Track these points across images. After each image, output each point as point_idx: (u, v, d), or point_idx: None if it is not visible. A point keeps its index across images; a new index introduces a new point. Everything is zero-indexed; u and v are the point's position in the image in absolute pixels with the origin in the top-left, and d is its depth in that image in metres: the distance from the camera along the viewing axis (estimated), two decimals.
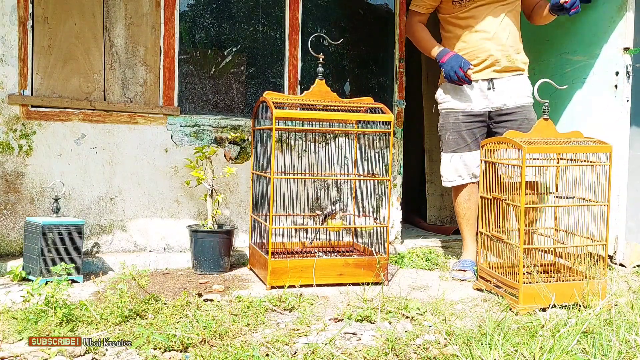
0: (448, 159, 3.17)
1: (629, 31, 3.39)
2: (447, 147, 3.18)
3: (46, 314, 2.02)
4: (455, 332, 2.01)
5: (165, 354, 1.81)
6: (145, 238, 3.29)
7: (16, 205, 3.04)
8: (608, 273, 3.11)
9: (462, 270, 3.05)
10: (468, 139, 3.12)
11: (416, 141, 4.95)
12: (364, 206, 3.26)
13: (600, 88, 3.50)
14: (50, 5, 3.08)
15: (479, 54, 3.07)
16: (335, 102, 2.99)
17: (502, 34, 3.05)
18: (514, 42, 3.09)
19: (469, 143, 3.12)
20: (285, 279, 2.72)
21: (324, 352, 1.78)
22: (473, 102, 3.11)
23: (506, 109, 3.07)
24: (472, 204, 3.14)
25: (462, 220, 3.18)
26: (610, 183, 2.56)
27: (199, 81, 3.44)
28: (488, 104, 3.09)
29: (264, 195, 2.98)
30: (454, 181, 3.16)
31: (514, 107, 3.07)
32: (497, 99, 3.08)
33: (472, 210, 3.14)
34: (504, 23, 3.06)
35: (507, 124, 3.05)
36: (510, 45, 3.07)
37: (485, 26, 3.06)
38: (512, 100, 3.07)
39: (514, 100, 3.07)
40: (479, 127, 3.13)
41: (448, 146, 3.17)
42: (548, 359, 1.63)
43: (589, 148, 2.56)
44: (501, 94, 3.08)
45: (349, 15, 3.83)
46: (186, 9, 3.40)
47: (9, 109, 3.02)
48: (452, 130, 3.15)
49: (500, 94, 3.08)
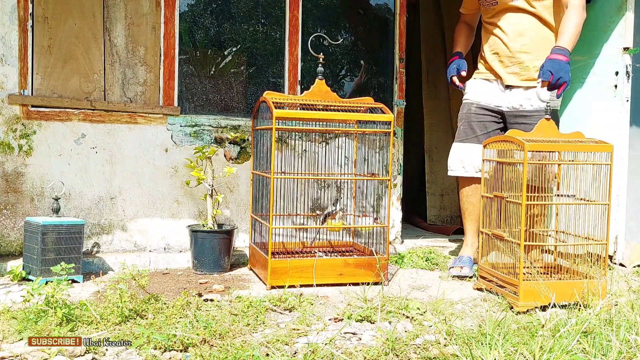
0: (455, 148, 3.19)
1: (629, 31, 3.39)
2: (457, 136, 3.20)
3: (46, 313, 2.02)
4: (455, 332, 2.01)
5: (165, 353, 1.81)
6: (145, 238, 3.29)
7: (16, 205, 3.04)
8: (608, 273, 3.12)
9: (459, 267, 3.06)
10: (478, 131, 3.09)
11: (416, 141, 4.95)
12: (364, 206, 3.26)
13: (600, 88, 3.50)
14: (50, 5, 3.08)
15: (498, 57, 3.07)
16: (335, 102, 2.99)
17: (519, 40, 2.97)
18: (534, 49, 2.97)
19: (478, 135, 3.09)
20: (285, 278, 2.72)
21: (324, 352, 1.78)
22: (488, 97, 3.09)
23: (523, 111, 2.99)
24: (475, 199, 3.13)
25: (464, 214, 3.20)
26: (611, 183, 2.56)
27: (199, 81, 3.44)
28: (504, 102, 3.05)
29: (264, 195, 2.98)
30: (457, 171, 3.16)
31: (530, 109, 2.97)
32: (513, 99, 3.02)
33: (474, 206, 3.13)
34: (524, 29, 2.97)
35: (521, 126, 2.97)
36: (526, 52, 2.97)
37: (502, 31, 3.03)
38: (528, 102, 2.98)
39: (531, 103, 2.97)
40: (490, 122, 3.09)
41: (458, 136, 3.20)
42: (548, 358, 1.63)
43: (590, 147, 2.56)
44: (517, 95, 3.02)
45: (349, 15, 3.83)
46: (186, 9, 3.40)
47: (9, 109, 3.02)
48: (464, 120, 3.16)
49: (517, 95, 3.02)
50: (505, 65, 3.04)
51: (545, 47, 2.94)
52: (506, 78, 3.03)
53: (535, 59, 2.96)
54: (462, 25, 3.38)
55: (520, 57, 2.98)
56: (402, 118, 3.85)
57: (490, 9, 3.09)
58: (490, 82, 3.11)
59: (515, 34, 2.99)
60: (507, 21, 3.01)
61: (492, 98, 3.09)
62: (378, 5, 3.90)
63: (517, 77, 3.01)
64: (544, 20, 2.96)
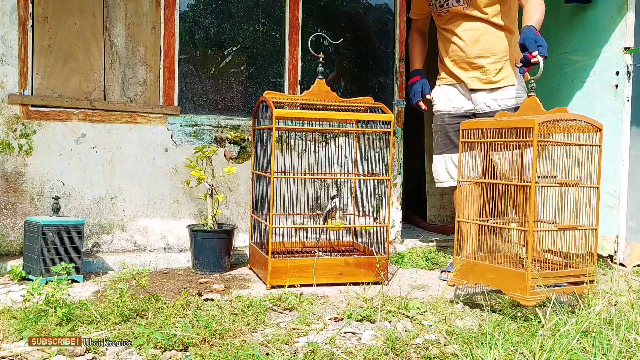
0: (438, 160, 3.17)
1: (630, 31, 3.39)
2: (437, 148, 3.19)
3: (46, 313, 2.02)
4: (455, 331, 2.01)
5: (165, 353, 1.81)
6: (145, 238, 3.29)
7: (16, 204, 3.04)
8: (608, 272, 3.11)
9: (448, 272, 3.05)
10: (456, 140, 3.05)
11: (416, 141, 4.94)
12: (364, 206, 3.26)
13: (600, 88, 3.50)
14: (50, 4, 3.08)
15: (457, 63, 3.06)
16: (335, 101, 2.99)
17: (476, 46, 2.98)
18: (492, 53, 2.97)
19: (457, 144, 3.09)
20: (285, 278, 2.72)
21: (324, 352, 1.78)
22: (457, 103, 3.10)
23: (491, 112, 2.99)
24: None
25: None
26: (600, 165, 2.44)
27: (199, 81, 3.44)
28: (471, 105, 3.06)
29: (264, 195, 2.98)
30: (447, 182, 3.15)
31: (498, 109, 2.96)
32: (479, 101, 3.03)
33: None
34: (480, 35, 2.98)
35: None
36: (484, 56, 2.98)
37: (459, 38, 3.03)
38: (495, 103, 3.00)
39: (498, 103, 2.99)
40: None
41: (438, 148, 3.18)
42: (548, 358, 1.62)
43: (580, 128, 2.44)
44: (483, 97, 3.02)
45: (349, 15, 3.83)
46: (186, 9, 3.40)
47: (9, 109, 3.02)
48: (441, 132, 3.16)
49: (482, 97, 3.02)
50: (466, 69, 3.04)
51: (502, 48, 2.97)
52: (469, 83, 3.04)
53: (494, 62, 2.98)
54: (415, 35, 3.34)
55: (479, 62, 3.00)
56: (402, 118, 3.85)
57: (443, 16, 3.08)
58: (455, 86, 3.11)
59: (472, 40, 3.00)
60: (462, 28, 3.02)
61: (460, 103, 3.09)
62: (378, 5, 3.90)
63: (480, 81, 3.02)
64: (497, 24, 2.98)
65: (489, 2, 2.94)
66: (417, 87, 3.19)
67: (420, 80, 3.20)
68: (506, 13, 2.98)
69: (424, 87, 3.19)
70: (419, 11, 3.28)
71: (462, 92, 3.09)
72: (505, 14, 2.97)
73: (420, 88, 3.19)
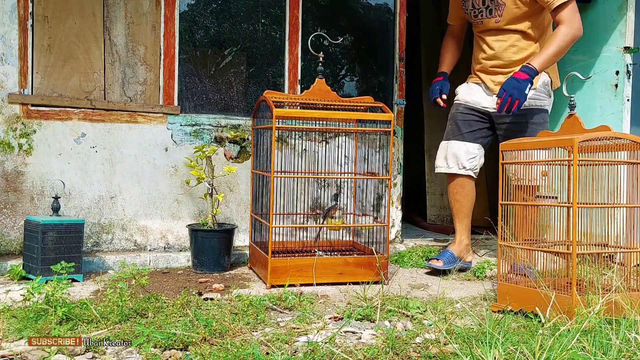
0: (441, 146, 3.26)
1: (630, 30, 3.40)
2: (445, 135, 3.27)
3: (46, 312, 2.02)
4: (455, 330, 2.01)
5: (165, 352, 1.81)
6: (145, 237, 3.29)
7: (16, 204, 3.04)
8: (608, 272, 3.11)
9: (435, 260, 3.10)
10: (463, 129, 3.15)
11: (416, 140, 4.95)
12: (364, 205, 3.26)
13: (600, 87, 3.50)
14: (50, 4, 3.08)
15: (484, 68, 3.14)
16: (335, 101, 2.99)
17: (504, 55, 3.06)
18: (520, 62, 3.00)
19: (463, 133, 3.15)
20: (285, 277, 2.72)
21: (324, 351, 1.78)
22: (476, 98, 3.16)
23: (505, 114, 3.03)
24: (460, 196, 3.16)
25: (452, 212, 3.24)
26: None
27: (199, 80, 3.44)
28: (490, 104, 3.10)
29: (264, 194, 2.98)
30: (441, 168, 3.21)
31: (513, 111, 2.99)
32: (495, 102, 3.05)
33: (460, 203, 3.17)
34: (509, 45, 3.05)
35: (502, 126, 3.09)
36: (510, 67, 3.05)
37: (489, 47, 3.11)
38: None
39: None
40: (476, 121, 3.16)
41: (445, 135, 3.26)
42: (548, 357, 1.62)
43: (629, 146, 2.30)
44: None
45: (349, 14, 3.83)
46: (186, 9, 3.40)
47: (9, 108, 3.02)
48: (452, 120, 3.24)
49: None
50: (490, 74, 3.12)
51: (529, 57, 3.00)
52: (493, 87, 3.10)
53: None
54: (449, 40, 3.41)
55: (505, 70, 3.06)
56: (402, 117, 3.85)
57: (478, 25, 3.18)
58: (480, 85, 3.19)
59: (501, 50, 3.07)
60: (493, 37, 3.09)
61: (479, 99, 3.16)
62: (378, 5, 3.90)
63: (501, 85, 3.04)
64: (529, 35, 3.03)
65: (520, 18, 3.00)
66: (437, 85, 3.27)
67: (442, 81, 3.28)
68: (537, 26, 3.04)
69: (443, 87, 3.25)
70: (455, 18, 3.36)
71: (485, 91, 3.15)
72: (535, 27, 3.04)
73: (439, 87, 3.25)
